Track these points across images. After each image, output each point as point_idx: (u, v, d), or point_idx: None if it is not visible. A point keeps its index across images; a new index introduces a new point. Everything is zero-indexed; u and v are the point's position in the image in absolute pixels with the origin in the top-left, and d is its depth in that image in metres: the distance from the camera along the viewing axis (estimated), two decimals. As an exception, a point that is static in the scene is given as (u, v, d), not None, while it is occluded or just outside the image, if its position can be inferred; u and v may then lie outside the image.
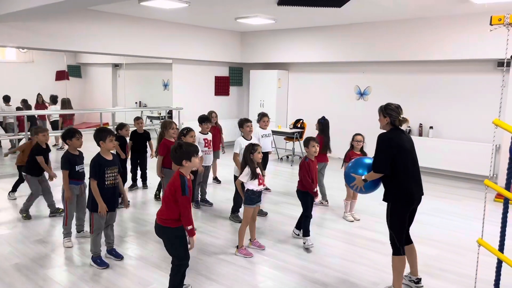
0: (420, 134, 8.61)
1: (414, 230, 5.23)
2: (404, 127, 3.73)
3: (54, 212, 5.47)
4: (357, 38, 8.94)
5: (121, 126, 6.28)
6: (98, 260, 4.06)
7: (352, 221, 5.53)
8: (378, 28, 8.61)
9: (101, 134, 4.02)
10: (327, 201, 6.28)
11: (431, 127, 8.47)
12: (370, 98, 9.43)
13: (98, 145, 4.02)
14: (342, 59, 9.33)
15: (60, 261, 4.21)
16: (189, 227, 3.19)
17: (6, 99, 9.96)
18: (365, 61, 9.13)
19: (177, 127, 5.59)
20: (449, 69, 8.25)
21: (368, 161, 3.88)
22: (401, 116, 3.73)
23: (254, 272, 4.09)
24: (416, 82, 8.69)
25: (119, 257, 4.22)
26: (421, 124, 8.62)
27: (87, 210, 4.44)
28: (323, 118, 6.33)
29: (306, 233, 4.66)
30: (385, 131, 3.74)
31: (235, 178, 4.79)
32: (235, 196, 5.28)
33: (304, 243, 4.66)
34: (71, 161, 4.44)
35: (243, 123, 5.68)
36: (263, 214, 5.65)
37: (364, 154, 5.49)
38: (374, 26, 8.66)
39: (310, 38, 9.72)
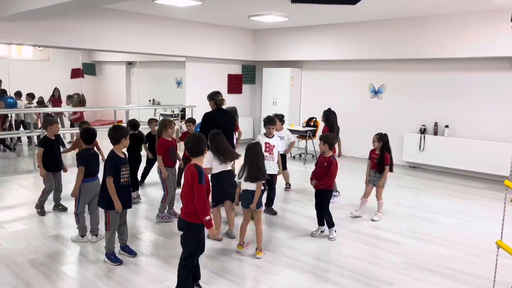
0: (435, 133, 8.48)
1: (429, 230, 5.20)
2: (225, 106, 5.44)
3: (56, 206, 5.58)
4: (371, 35, 8.84)
5: (151, 121, 6.36)
6: (112, 257, 4.09)
7: (354, 217, 5.59)
8: (392, 26, 8.51)
9: (122, 131, 4.05)
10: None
11: (446, 126, 8.34)
12: (384, 96, 9.32)
13: (118, 142, 4.00)
14: (356, 57, 9.24)
15: (74, 257, 4.25)
16: (207, 218, 3.19)
17: (31, 96, 10.07)
18: (380, 59, 9.03)
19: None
20: (465, 67, 8.10)
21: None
22: (220, 97, 5.41)
23: (267, 270, 4.08)
24: (431, 80, 8.57)
25: (132, 253, 4.25)
26: (436, 123, 8.49)
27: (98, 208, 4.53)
28: (329, 109, 6.33)
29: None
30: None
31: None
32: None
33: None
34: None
35: (265, 125, 5.59)
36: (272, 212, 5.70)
37: (382, 153, 5.41)
38: (388, 24, 8.56)
39: (324, 35, 9.65)
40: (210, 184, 3.43)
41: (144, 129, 6.52)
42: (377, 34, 8.76)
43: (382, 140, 5.41)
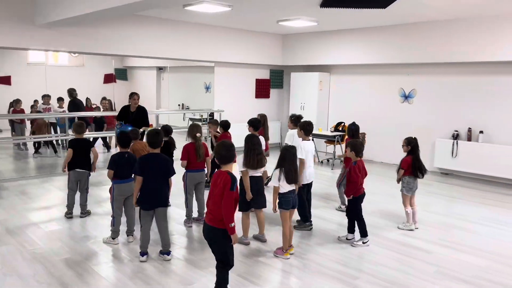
0: (469, 139, 8.23)
1: (462, 239, 5.05)
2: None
3: (84, 213, 5.61)
4: (402, 39, 8.69)
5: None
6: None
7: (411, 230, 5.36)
8: (424, 29, 8.34)
9: (162, 136, 4.31)
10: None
11: (481, 132, 8.09)
12: (415, 101, 9.14)
13: (159, 146, 4.23)
14: (386, 61, 9.11)
15: (107, 258, 4.37)
16: (232, 224, 3.22)
17: (62, 100, 10.45)
18: (410, 63, 8.86)
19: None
20: (501, 70, 7.84)
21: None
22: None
23: (294, 276, 4.07)
24: (465, 84, 8.33)
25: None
26: (470, 128, 8.25)
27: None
28: (353, 123, 6.10)
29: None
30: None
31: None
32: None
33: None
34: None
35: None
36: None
37: (404, 157, 5.32)
38: (419, 27, 8.39)
39: (353, 39, 9.56)
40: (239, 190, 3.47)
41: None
42: (407, 38, 8.60)
43: (410, 144, 5.31)
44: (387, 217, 5.80)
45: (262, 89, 11.31)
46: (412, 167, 5.26)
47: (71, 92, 9.65)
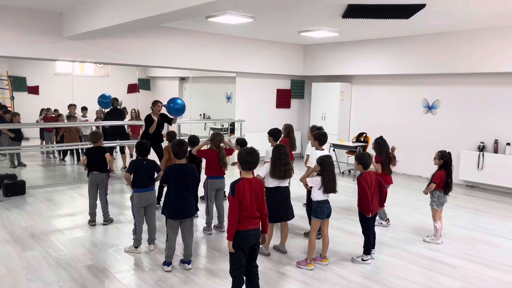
0: (495, 151, 8.02)
1: (488, 253, 4.90)
2: None
3: (107, 221, 5.73)
4: (425, 49, 8.59)
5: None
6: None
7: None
8: (447, 39, 8.22)
9: (187, 146, 4.36)
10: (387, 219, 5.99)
11: (508, 144, 7.88)
12: (439, 112, 8.98)
13: (184, 157, 4.29)
14: (409, 72, 9.00)
15: (128, 266, 4.41)
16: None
17: (85, 109, 10.68)
18: (434, 73, 8.73)
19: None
20: (529, 81, 7.65)
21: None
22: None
23: (315, 288, 4.02)
24: (491, 94, 8.15)
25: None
26: (496, 140, 8.05)
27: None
28: (381, 138, 5.84)
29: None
30: None
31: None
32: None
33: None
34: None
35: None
36: None
37: (437, 171, 5.18)
38: (443, 37, 8.28)
39: (375, 50, 9.50)
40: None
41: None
42: (431, 48, 8.49)
43: (443, 158, 5.15)
44: (410, 230, 5.68)
45: (283, 99, 11.32)
46: (444, 182, 5.13)
47: (113, 102, 9.80)
